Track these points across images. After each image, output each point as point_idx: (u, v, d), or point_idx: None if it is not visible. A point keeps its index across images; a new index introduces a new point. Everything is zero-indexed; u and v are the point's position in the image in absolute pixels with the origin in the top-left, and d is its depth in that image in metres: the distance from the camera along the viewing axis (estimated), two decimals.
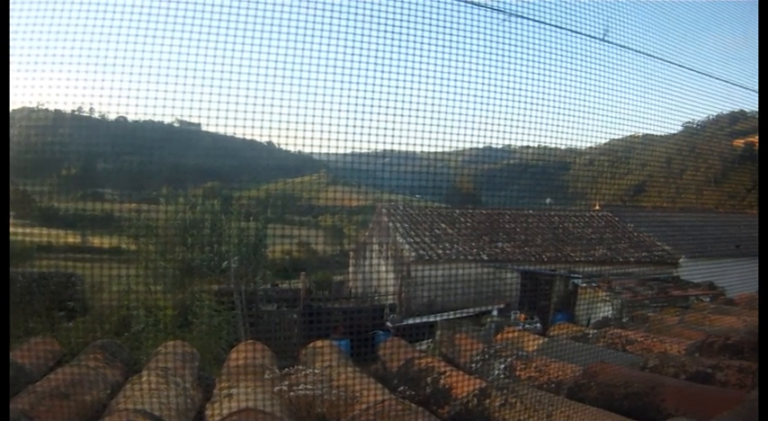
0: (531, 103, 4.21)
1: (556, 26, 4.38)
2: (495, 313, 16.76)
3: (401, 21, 3.65)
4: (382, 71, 3.62)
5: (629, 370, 3.71)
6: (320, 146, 3.53)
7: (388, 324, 16.36)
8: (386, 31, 3.59)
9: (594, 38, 4.53)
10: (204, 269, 16.37)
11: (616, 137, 5.55)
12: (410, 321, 15.94)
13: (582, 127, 4.45)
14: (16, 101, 3.64)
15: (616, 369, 3.63)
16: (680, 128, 6.56)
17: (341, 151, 3.70)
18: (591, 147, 5.67)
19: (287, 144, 3.62)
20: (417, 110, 3.76)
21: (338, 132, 3.49)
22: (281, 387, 3.68)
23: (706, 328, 5.50)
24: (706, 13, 6.47)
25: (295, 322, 16.05)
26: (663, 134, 6.36)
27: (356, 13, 3.53)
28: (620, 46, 4.82)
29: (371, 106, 3.51)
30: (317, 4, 3.50)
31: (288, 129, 3.46)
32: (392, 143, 3.67)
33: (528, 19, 4.24)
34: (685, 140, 7.39)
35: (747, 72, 6.19)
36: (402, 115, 3.65)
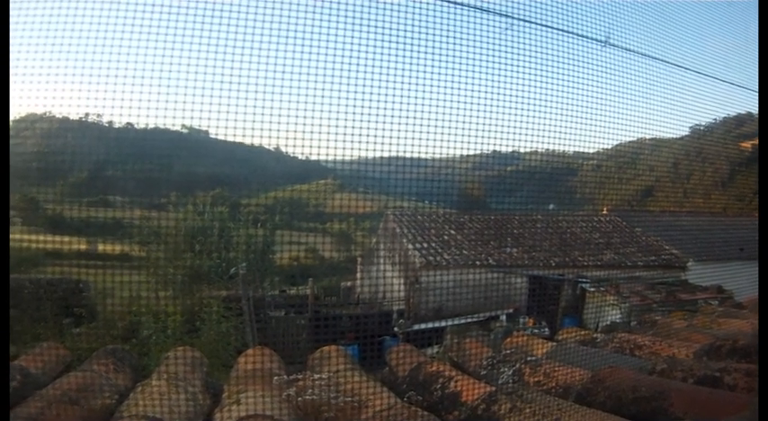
0: (538, 108, 4.22)
1: (561, 30, 4.39)
2: (503, 318, 16.76)
3: (407, 28, 3.66)
4: (389, 78, 3.63)
5: (638, 374, 3.70)
6: (328, 152, 3.55)
7: (397, 329, 16.34)
8: (392, 39, 3.60)
9: (599, 42, 4.54)
10: (212, 275, 16.42)
11: (623, 141, 5.55)
12: (418, 327, 15.90)
13: (589, 131, 4.45)
14: (25, 109, 3.66)
15: (624, 373, 3.63)
16: (687, 131, 6.56)
17: (349, 157, 3.72)
18: (598, 152, 5.67)
19: (295, 151, 3.64)
20: (424, 116, 3.77)
21: (346, 139, 3.50)
22: (289, 392, 3.69)
23: (714, 332, 5.49)
24: (711, 16, 6.47)
25: (303, 328, 16.05)
26: (670, 137, 6.35)
27: (363, 22, 3.54)
28: (626, 49, 4.83)
29: (379, 113, 3.52)
30: (324, 14, 3.52)
31: (296, 135, 3.48)
32: (400, 149, 3.68)
33: (533, 23, 4.25)
34: (692, 143, 7.38)
35: (753, 74, 6.19)
36: (409, 121, 3.66)
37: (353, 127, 3.48)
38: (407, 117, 3.65)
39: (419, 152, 3.83)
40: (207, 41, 3.34)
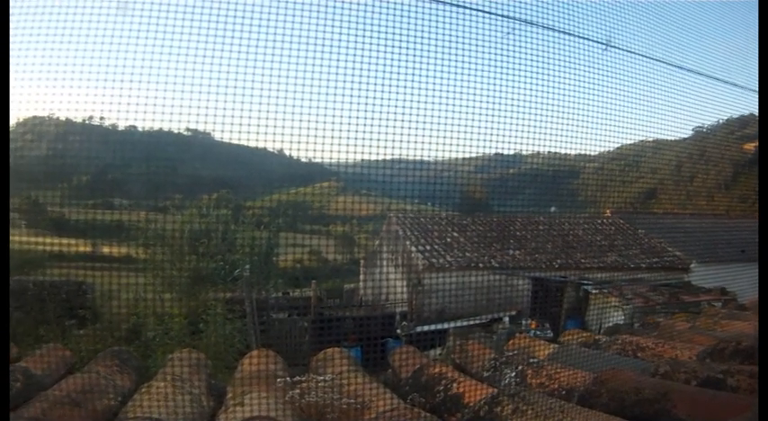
0: (540, 110, 4.22)
1: (563, 32, 4.39)
2: (506, 320, 16.73)
3: (410, 31, 3.67)
4: (391, 81, 3.64)
5: (640, 376, 3.69)
6: (331, 155, 3.55)
7: (400, 331, 16.32)
8: (395, 42, 3.61)
9: (602, 44, 4.54)
10: (215, 277, 16.41)
11: (625, 142, 5.55)
12: (421, 329, 15.88)
13: (591, 133, 4.45)
14: (29, 112, 3.68)
15: (627, 375, 3.62)
16: (690, 132, 6.55)
17: (352, 160, 3.72)
18: (600, 154, 5.67)
19: (298, 153, 3.65)
20: (427, 118, 3.78)
21: (349, 141, 3.51)
22: (292, 394, 3.69)
23: (717, 334, 5.48)
24: (712, 17, 6.46)
25: (306, 330, 16.05)
26: (673, 139, 6.35)
27: (366, 26, 3.55)
28: (628, 51, 4.83)
29: (382, 115, 3.53)
30: (329, 17, 3.53)
31: (299, 137, 3.49)
32: (403, 151, 3.69)
33: (536, 25, 4.25)
34: (695, 145, 7.37)
35: (756, 75, 6.18)
36: (412, 124, 3.66)
37: (356, 129, 3.49)
38: (410, 119, 3.65)
39: (422, 154, 3.85)
40: (211, 44, 3.36)
